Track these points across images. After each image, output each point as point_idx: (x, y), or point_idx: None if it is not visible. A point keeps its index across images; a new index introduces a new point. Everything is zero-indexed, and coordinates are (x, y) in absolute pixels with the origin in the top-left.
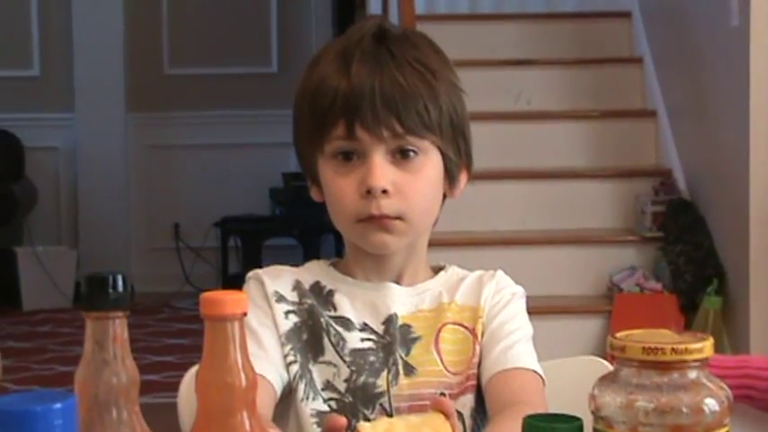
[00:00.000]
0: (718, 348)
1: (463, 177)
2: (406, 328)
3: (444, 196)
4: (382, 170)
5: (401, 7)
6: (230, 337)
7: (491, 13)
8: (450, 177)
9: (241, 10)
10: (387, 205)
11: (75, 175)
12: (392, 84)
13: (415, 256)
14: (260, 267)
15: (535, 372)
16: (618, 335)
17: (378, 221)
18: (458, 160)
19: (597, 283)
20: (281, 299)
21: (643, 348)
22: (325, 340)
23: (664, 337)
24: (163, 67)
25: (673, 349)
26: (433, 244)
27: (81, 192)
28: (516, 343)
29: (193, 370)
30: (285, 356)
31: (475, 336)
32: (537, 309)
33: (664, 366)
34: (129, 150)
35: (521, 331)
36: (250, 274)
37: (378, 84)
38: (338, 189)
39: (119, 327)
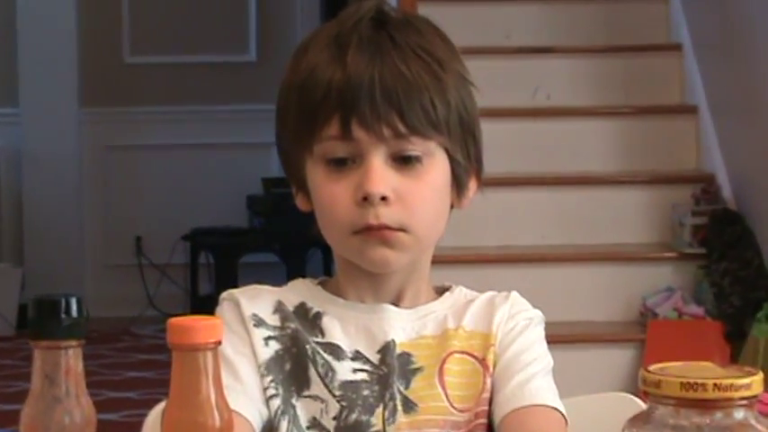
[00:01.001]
0: None
1: (472, 185)
2: (406, 357)
3: (451, 206)
4: (382, 174)
5: None
6: (202, 369)
7: None
8: (458, 184)
9: None
10: (387, 214)
11: (20, 180)
12: (394, 75)
13: (416, 275)
14: (235, 287)
15: (556, 409)
16: (652, 368)
17: (377, 234)
18: (467, 165)
19: (628, 307)
20: (260, 323)
21: (681, 384)
22: (312, 371)
23: (705, 371)
24: (122, 55)
25: (716, 385)
26: (439, 261)
27: (26, 200)
28: (534, 376)
29: (159, 408)
30: (265, 389)
31: (485, 367)
32: (559, 337)
33: (705, 405)
34: (82, 152)
35: (539, 362)
36: (224, 294)
37: (378, 74)
38: (330, 196)
39: (72, 358)
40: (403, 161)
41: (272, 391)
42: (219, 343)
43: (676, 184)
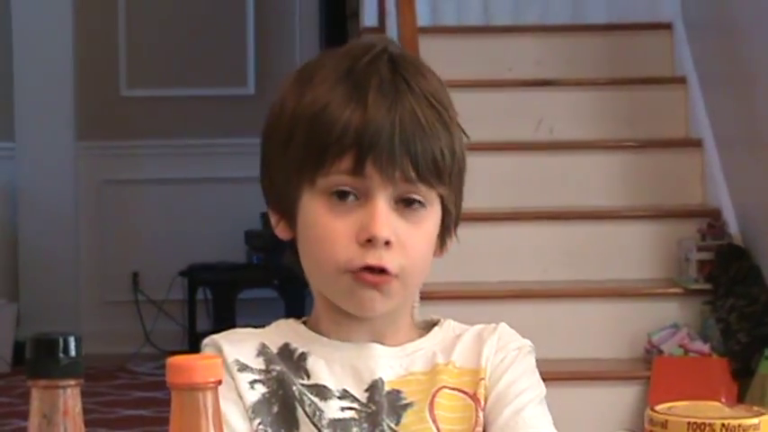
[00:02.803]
0: None
1: (451, 239)
2: (395, 393)
3: None
4: (387, 217)
5: (401, 18)
6: (202, 409)
7: (507, 26)
8: (444, 234)
9: (212, 21)
10: (387, 258)
11: (15, 214)
12: (413, 122)
13: (400, 316)
14: (234, 323)
15: None
16: (658, 407)
17: (371, 278)
18: (455, 216)
19: (633, 343)
20: (243, 368)
21: (689, 424)
22: (299, 411)
23: (713, 411)
24: (119, 88)
25: (723, 426)
26: (439, 297)
27: (21, 234)
28: (527, 405)
29: None
30: None
31: (477, 401)
32: (561, 374)
33: None
34: (78, 186)
35: (531, 391)
36: (206, 340)
37: (398, 119)
38: (331, 231)
39: (70, 398)
40: (405, 205)
41: None
42: (220, 382)
43: (681, 218)
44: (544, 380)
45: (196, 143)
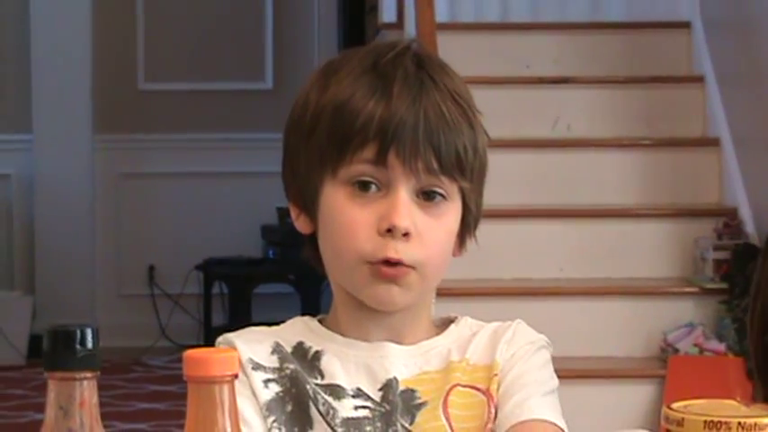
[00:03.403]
0: None
1: (471, 238)
2: (410, 393)
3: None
4: (408, 208)
5: (419, 14)
6: (218, 402)
7: (525, 23)
8: (463, 233)
9: (230, 15)
10: (405, 250)
11: (32, 207)
12: (437, 115)
13: (418, 314)
14: (249, 318)
15: (556, 425)
16: (674, 405)
17: (390, 272)
18: (476, 214)
19: (649, 342)
20: (257, 366)
21: (705, 423)
22: (313, 410)
23: (729, 409)
24: (137, 82)
25: (740, 424)
26: (455, 294)
27: (38, 227)
28: (533, 395)
29: None
30: (269, 430)
31: (490, 397)
32: (577, 372)
33: None
34: (95, 179)
35: (539, 384)
36: (219, 339)
37: (423, 112)
38: (351, 220)
39: (87, 390)
40: (426, 198)
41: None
42: (236, 376)
43: (698, 217)
44: (559, 377)
45: (213, 137)
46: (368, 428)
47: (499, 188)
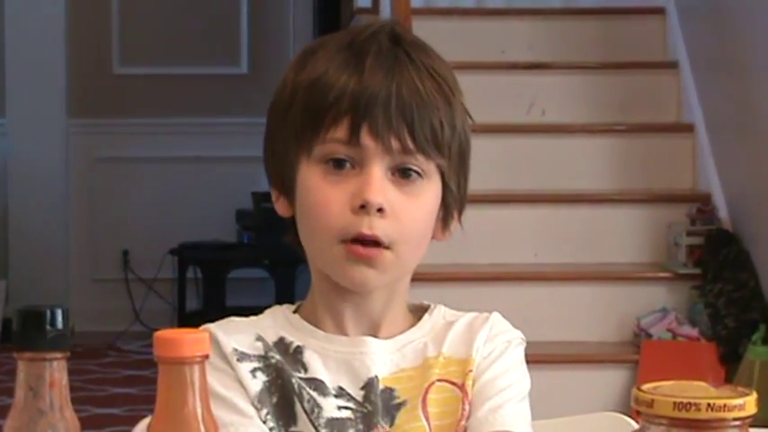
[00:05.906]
0: (763, 406)
1: (455, 221)
2: (389, 392)
3: (432, 238)
4: (382, 184)
5: None
6: (189, 383)
7: (500, 8)
8: (445, 214)
9: None
10: (380, 226)
11: (5, 191)
12: (410, 90)
13: (395, 301)
14: (224, 303)
15: None
16: (645, 387)
17: (363, 252)
18: (457, 195)
19: (622, 327)
20: (243, 357)
21: (674, 404)
22: (298, 406)
23: (699, 391)
24: (111, 65)
25: (709, 405)
26: (429, 279)
27: (12, 211)
28: (507, 402)
29: (144, 423)
30: (264, 422)
31: (465, 392)
32: (550, 357)
33: (698, 425)
34: (69, 163)
35: (514, 388)
36: (200, 329)
37: (395, 86)
38: (324, 198)
39: (57, 370)
40: (402, 175)
41: (270, 424)
42: (207, 357)
43: (671, 203)
44: (533, 363)
45: (188, 122)
46: (350, 430)
47: (474, 173)
